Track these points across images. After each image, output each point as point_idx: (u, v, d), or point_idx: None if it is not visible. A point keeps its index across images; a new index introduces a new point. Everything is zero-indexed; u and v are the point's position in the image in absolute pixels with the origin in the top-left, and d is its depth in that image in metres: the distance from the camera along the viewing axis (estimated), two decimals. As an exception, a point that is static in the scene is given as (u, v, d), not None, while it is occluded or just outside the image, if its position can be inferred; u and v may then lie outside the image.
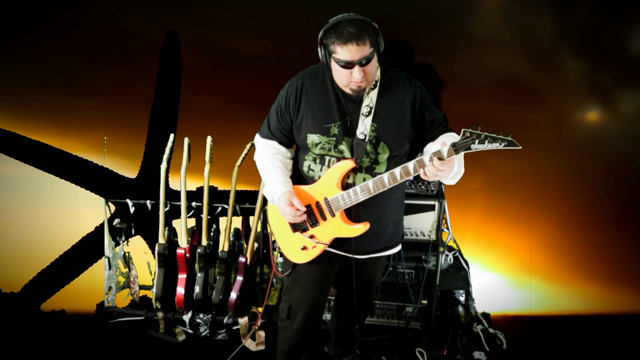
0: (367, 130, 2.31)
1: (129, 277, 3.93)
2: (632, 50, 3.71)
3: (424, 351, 3.27)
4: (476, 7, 3.84)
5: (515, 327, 3.64)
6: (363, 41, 2.13)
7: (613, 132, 3.81)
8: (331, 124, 2.33)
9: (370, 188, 2.28)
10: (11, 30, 4.12)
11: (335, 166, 2.36)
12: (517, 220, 3.90)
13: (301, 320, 2.58)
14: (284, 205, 2.35)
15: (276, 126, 2.45)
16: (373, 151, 2.33)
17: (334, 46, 2.16)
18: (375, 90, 2.32)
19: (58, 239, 4.19)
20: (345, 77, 2.20)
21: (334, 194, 2.35)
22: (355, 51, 2.13)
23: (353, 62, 2.14)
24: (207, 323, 3.58)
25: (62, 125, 4.22)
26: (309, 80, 2.37)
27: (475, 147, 2.07)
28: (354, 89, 2.23)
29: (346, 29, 2.13)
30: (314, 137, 2.36)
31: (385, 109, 2.32)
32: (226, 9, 3.97)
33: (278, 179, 2.42)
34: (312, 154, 2.41)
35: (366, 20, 2.19)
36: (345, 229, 2.38)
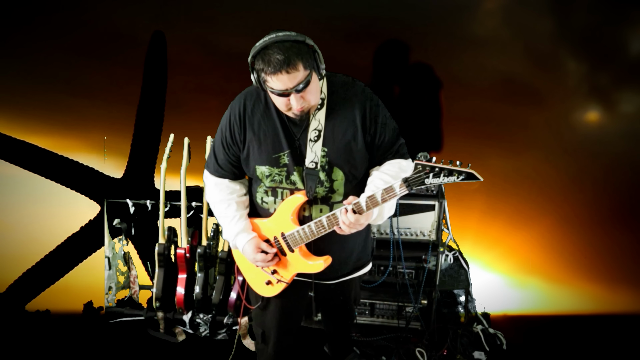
0: (318, 157, 2.13)
1: (129, 277, 3.93)
2: (632, 51, 3.71)
3: (424, 351, 3.27)
4: (476, 8, 3.84)
5: (515, 327, 3.64)
6: (294, 67, 1.91)
7: (613, 132, 3.81)
8: (280, 153, 2.15)
9: (325, 225, 2.13)
10: (12, 30, 4.12)
11: (286, 201, 2.20)
12: (517, 220, 3.90)
13: (274, 345, 2.54)
14: (253, 254, 2.24)
15: (224, 159, 2.27)
16: (327, 179, 2.16)
17: (264, 75, 1.95)
18: (323, 110, 2.13)
19: (45, 239, 4.19)
20: (283, 105, 2.03)
21: (290, 230, 2.21)
22: (287, 80, 1.92)
23: (287, 91, 1.96)
24: (207, 323, 3.59)
25: (62, 125, 4.22)
26: (250, 105, 2.16)
27: (430, 181, 1.86)
28: (297, 114, 2.05)
29: (273, 56, 1.90)
30: (264, 169, 2.19)
31: (335, 130, 2.13)
32: (226, 9, 3.97)
33: (237, 226, 2.27)
34: (264, 186, 2.25)
35: (297, 39, 1.95)
36: (305, 265, 2.25)
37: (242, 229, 2.27)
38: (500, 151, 3.85)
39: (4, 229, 4.21)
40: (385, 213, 2.19)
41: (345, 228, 2.06)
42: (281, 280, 2.32)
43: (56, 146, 4.20)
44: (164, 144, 3.66)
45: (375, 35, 3.87)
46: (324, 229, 2.14)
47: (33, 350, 3.41)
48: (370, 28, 3.86)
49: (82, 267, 4.16)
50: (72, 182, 4.20)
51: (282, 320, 2.49)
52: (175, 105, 4.21)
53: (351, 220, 2.03)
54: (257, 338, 2.61)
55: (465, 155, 3.80)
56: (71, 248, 4.14)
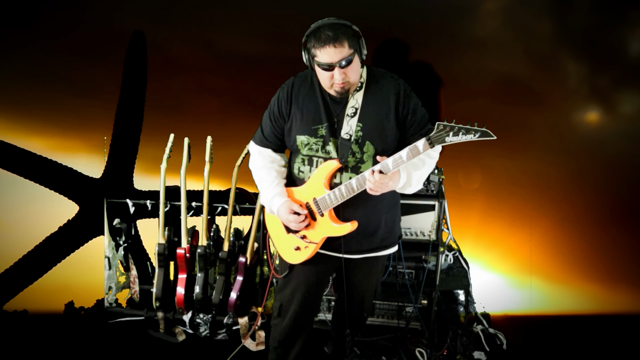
0: (353, 130, 2.36)
1: (129, 277, 3.93)
2: (632, 52, 3.72)
3: (424, 351, 3.27)
4: (476, 9, 3.85)
5: (515, 327, 3.63)
6: (341, 43, 2.19)
7: (613, 132, 3.82)
8: (319, 126, 2.39)
9: (354, 186, 2.31)
10: (12, 30, 4.12)
11: (321, 167, 2.40)
12: (517, 220, 3.90)
13: (291, 319, 2.62)
14: (286, 215, 2.42)
15: (270, 131, 2.50)
16: (359, 150, 2.37)
17: (314, 50, 2.24)
18: (361, 91, 2.38)
19: (23, 239, 4.18)
20: (327, 80, 2.27)
21: (321, 194, 2.40)
22: (333, 53, 2.20)
23: (332, 64, 2.22)
24: (207, 323, 3.58)
25: (63, 125, 4.22)
26: (298, 85, 2.43)
27: (450, 139, 2.11)
28: (338, 90, 2.29)
29: (324, 32, 2.20)
30: (303, 138, 2.41)
31: (371, 108, 2.37)
32: (226, 10, 3.98)
33: (275, 190, 2.48)
34: (301, 155, 2.46)
35: (346, 24, 2.25)
36: (333, 228, 2.41)
37: (278, 192, 2.47)
38: (501, 151, 3.85)
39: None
40: (414, 181, 2.38)
41: (372, 186, 2.25)
42: (311, 242, 2.46)
43: (56, 146, 4.21)
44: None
45: (376, 35, 3.87)
46: (353, 190, 2.32)
47: (28, 352, 3.42)
48: (371, 29, 3.83)
49: (63, 266, 4.15)
50: (51, 182, 4.20)
51: (303, 293, 2.58)
52: (175, 105, 4.21)
53: (377, 180, 2.22)
54: (274, 312, 2.70)
55: (465, 155, 3.85)
56: (50, 248, 4.13)
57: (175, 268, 3.71)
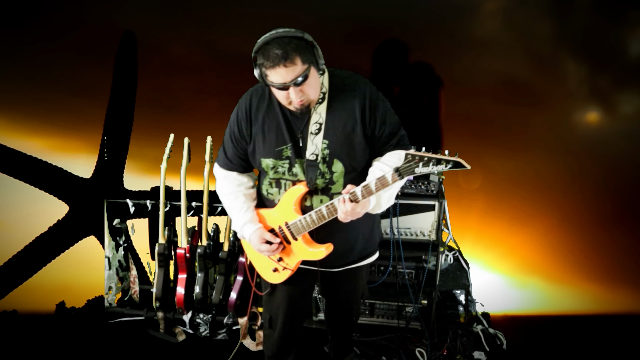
0: (319, 149, 2.20)
1: (129, 277, 3.93)
2: (632, 52, 3.71)
3: (424, 351, 3.26)
4: (477, 9, 3.84)
5: (515, 327, 3.63)
6: (292, 61, 1.99)
7: (614, 132, 3.81)
8: (283, 147, 2.24)
9: (325, 214, 2.21)
10: (13, 30, 4.12)
11: (287, 192, 2.29)
12: (517, 220, 3.90)
13: (280, 331, 2.61)
14: (259, 244, 2.32)
15: (233, 153, 2.36)
16: (327, 170, 2.23)
17: (265, 69, 2.03)
18: (324, 103, 2.19)
19: (13, 239, 4.18)
20: (284, 99, 2.11)
21: (292, 219, 2.29)
22: (285, 73, 2.00)
23: (286, 84, 2.03)
24: (207, 323, 3.58)
25: (63, 125, 4.22)
26: (256, 102, 2.26)
27: (420, 170, 1.97)
28: (297, 107, 2.13)
29: (272, 51, 1.98)
30: (268, 162, 2.28)
31: (336, 123, 2.19)
32: (226, 10, 3.98)
33: (244, 217, 2.37)
34: (269, 177, 2.33)
35: (296, 35, 2.02)
36: (308, 253, 2.32)
37: (248, 219, 2.36)
38: (501, 151, 3.85)
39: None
40: (383, 203, 2.25)
41: (343, 216, 2.14)
42: (286, 267, 2.40)
43: (57, 146, 4.22)
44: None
45: (376, 36, 3.88)
46: (324, 218, 2.22)
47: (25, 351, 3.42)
48: (371, 29, 3.86)
49: (53, 266, 4.15)
50: (40, 182, 4.19)
51: (289, 306, 2.56)
52: (175, 105, 4.21)
53: (348, 209, 2.11)
54: (265, 324, 2.68)
55: (465, 155, 3.81)
56: (39, 248, 4.12)
57: (175, 268, 3.71)
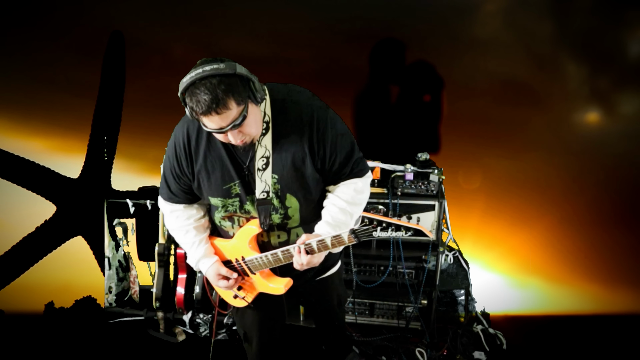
0: (269, 185, 2.04)
1: (129, 277, 3.93)
2: (632, 52, 3.71)
3: (424, 351, 3.26)
4: (477, 10, 3.85)
5: (515, 327, 3.63)
6: (225, 106, 1.77)
7: (614, 133, 3.81)
8: (230, 184, 2.07)
9: (281, 258, 2.11)
10: (13, 30, 4.12)
11: (241, 231, 2.19)
12: (517, 220, 3.90)
13: (257, 345, 2.55)
14: (216, 280, 2.23)
15: (176, 188, 2.17)
16: (281, 206, 2.09)
17: (196, 115, 1.82)
18: (268, 134, 1.99)
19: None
20: (224, 139, 1.93)
21: (249, 255, 2.19)
22: (219, 120, 1.80)
23: (222, 129, 1.83)
24: (207, 323, 3.58)
25: (63, 125, 4.21)
26: (194, 135, 2.04)
27: (378, 234, 2.01)
28: (240, 146, 1.95)
29: (201, 96, 1.76)
30: (217, 201, 2.12)
31: (284, 155, 2.02)
32: (227, 10, 3.98)
33: (198, 252, 2.23)
34: (220, 213, 2.19)
35: (226, 72, 1.77)
36: (268, 288, 2.25)
37: (202, 254, 2.24)
38: (501, 151, 3.85)
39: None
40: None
41: (299, 267, 2.04)
42: (244, 299, 2.34)
43: (57, 147, 4.22)
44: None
45: (376, 36, 3.88)
46: (281, 261, 2.13)
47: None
48: (371, 29, 3.86)
49: (41, 267, 4.13)
50: (28, 182, 4.17)
51: (261, 320, 2.49)
52: (175, 105, 4.20)
53: (303, 262, 2.00)
54: (241, 338, 2.61)
55: (465, 155, 3.85)
56: (27, 248, 4.10)
57: (175, 268, 3.71)
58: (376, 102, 4.02)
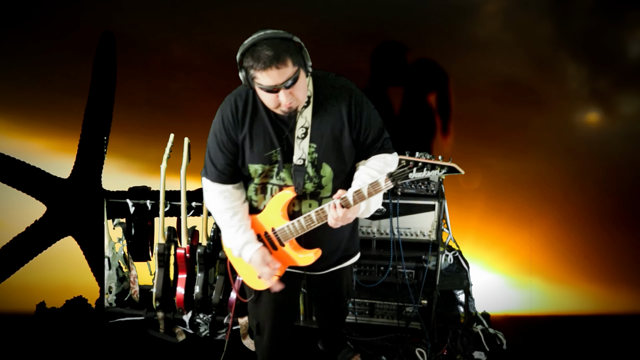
0: (306, 153, 2.17)
1: (129, 277, 3.93)
2: (632, 53, 3.71)
3: (424, 351, 3.27)
4: (477, 10, 3.85)
5: (515, 327, 3.63)
6: (283, 62, 1.94)
7: (614, 133, 3.81)
8: (272, 151, 2.20)
9: (314, 219, 2.19)
10: (13, 30, 4.13)
11: (275, 197, 2.26)
12: (517, 220, 3.89)
13: (269, 336, 2.60)
14: (261, 266, 2.28)
15: (224, 163, 2.25)
16: (316, 175, 2.22)
17: (254, 71, 1.97)
18: (309, 107, 2.16)
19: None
20: (273, 102, 2.05)
21: (280, 225, 2.27)
22: (276, 75, 1.95)
23: (277, 86, 1.98)
24: (207, 323, 3.59)
25: (64, 126, 4.21)
26: (241, 105, 2.18)
27: (414, 175, 1.98)
28: (285, 111, 2.08)
29: (263, 52, 1.93)
30: (257, 167, 2.22)
31: (322, 126, 2.17)
32: (227, 10, 3.98)
33: (245, 236, 2.30)
34: (254, 184, 2.29)
35: (286, 36, 1.98)
36: (296, 258, 2.32)
37: (249, 239, 2.30)
38: (501, 151, 3.85)
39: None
40: (372, 207, 2.25)
41: (333, 222, 2.12)
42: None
43: (57, 147, 4.21)
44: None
45: (376, 37, 3.88)
46: (313, 223, 2.20)
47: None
48: (371, 30, 3.86)
49: (31, 267, 4.11)
50: (18, 182, 4.15)
51: (276, 311, 2.54)
52: (175, 105, 4.22)
53: (339, 215, 2.09)
54: (253, 330, 2.67)
55: (465, 155, 3.85)
56: (17, 249, 4.08)
57: (175, 268, 3.71)
58: (376, 102, 4.02)
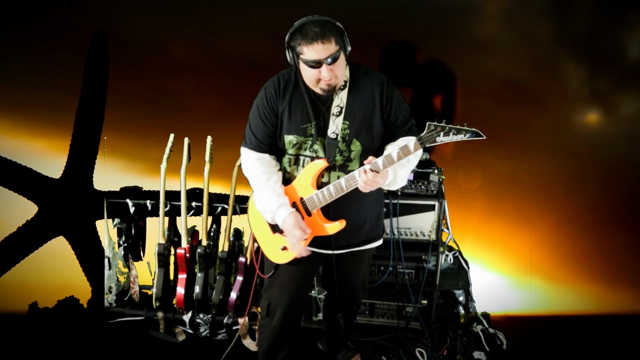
0: (339, 129, 2.36)
1: (129, 277, 3.93)
2: (632, 53, 3.72)
3: (424, 351, 3.26)
4: (478, 10, 3.85)
5: (515, 327, 3.62)
6: (328, 39, 2.18)
7: (614, 133, 3.82)
8: (307, 125, 2.38)
9: (343, 186, 2.32)
10: (13, 30, 4.13)
11: (308, 166, 2.41)
12: (517, 220, 3.90)
13: (280, 318, 2.64)
14: (293, 228, 2.37)
15: (264, 134, 2.44)
16: (346, 149, 2.38)
17: (301, 47, 2.21)
18: (345, 90, 2.37)
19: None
20: (314, 77, 2.25)
21: (308, 194, 2.41)
22: (321, 50, 2.18)
23: (320, 61, 2.19)
24: (207, 323, 3.58)
25: (64, 126, 4.21)
26: (283, 82, 2.40)
27: (441, 139, 2.12)
28: (324, 87, 2.27)
29: (311, 29, 2.18)
30: (292, 138, 2.40)
31: (356, 106, 2.37)
32: (226, 10, 3.99)
33: (279, 200, 2.41)
34: (288, 155, 2.46)
35: (330, 20, 2.24)
36: (322, 228, 2.42)
37: (283, 202, 2.41)
38: (501, 151, 3.85)
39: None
40: (399, 179, 2.38)
41: (363, 185, 2.26)
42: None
43: (58, 147, 4.21)
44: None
45: (377, 38, 3.88)
46: (342, 190, 2.34)
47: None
48: (370, 30, 3.86)
49: (23, 267, 4.12)
50: (9, 182, 4.14)
51: (291, 290, 2.61)
52: (175, 105, 4.22)
53: (370, 178, 2.23)
54: (262, 311, 2.71)
55: (465, 155, 3.86)
56: (9, 249, 4.08)
57: (175, 268, 3.71)
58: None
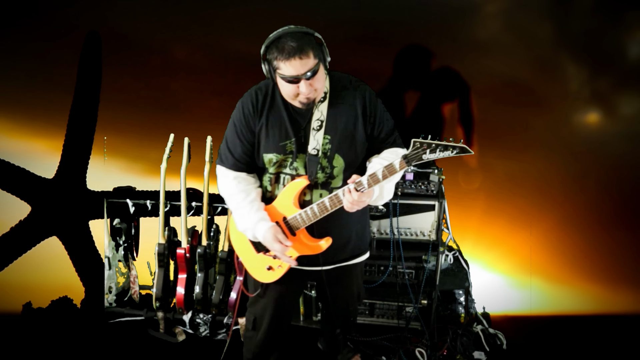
0: (320, 144, 2.27)
1: (129, 277, 3.93)
2: (632, 54, 3.72)
3: (424, 351, 3.26)
4: (478, 11, 3.85)
5: (515, 327, 3.62)
6: (306, 54, 2.07)
7: (614, 133, 3.82)
8: (287, 141, 2.29)
9: (327, 206, 2.24)
10: (13, 30, 4.13)
11: (289, 185, 2.32)
12: (518, 220, 3.89)
13: (265, 332, 2.62)
14: (272, 242, 2.29)
15: (241, 152, 2.35)
16: (328, 165, 2.30)
17: (277, 62, 2.10)
18: (325, 102, 2.27)
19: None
20: (293, 92, 2.16)
21: (291, 213, 2.32)
22: (299, 65, 2.08)
23: (298, 77, 2.10)
24: (207, 323, 3.58)
25: (64, 125, 4.20)
26: (261, 97, 2.30)
27: (427, 157, 2.03)
28: (303, 102, 2.18)
29: (287, 43, 2.07)
30: (271, 156, 2.32)
31: (337, 119, 2.27)
32: (226, 11, 3.99)
33: (257, 214, 2.33)
34: (268, 173, 2.38)
35: (308, 31, 2.13)
36: (307, 247, 2.35)
37: (262, 217, 2.34)
38: (502, 151, 3.86)
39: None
40: (385, 194, 2.31)
41: (349, 206, 2.18)
42: (280, 267, 2.41)
43: (57, 147, 4.21)
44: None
45: (376, 37, 3.88)
46: (326, 210, 2.25)
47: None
48: (371, 31, 3.87)
49: (16, 267, 4.11)
50: (2, 182, 4.14)
51: (276, 307, 2.57)
52: (175, 105, 4.22)
53: (354, 199, 2.14)
54: (247, 325, 2.68)
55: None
56: (1, 249, 4.08)
57: (175, 268, 3.71)
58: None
